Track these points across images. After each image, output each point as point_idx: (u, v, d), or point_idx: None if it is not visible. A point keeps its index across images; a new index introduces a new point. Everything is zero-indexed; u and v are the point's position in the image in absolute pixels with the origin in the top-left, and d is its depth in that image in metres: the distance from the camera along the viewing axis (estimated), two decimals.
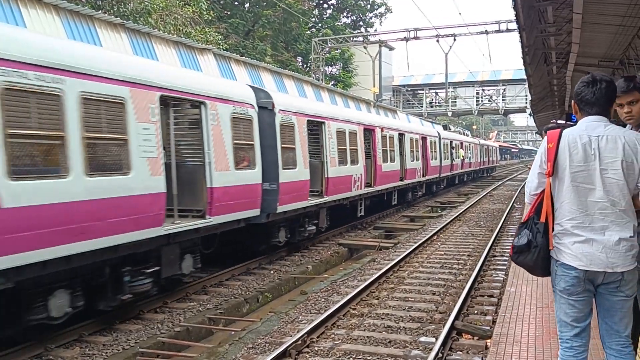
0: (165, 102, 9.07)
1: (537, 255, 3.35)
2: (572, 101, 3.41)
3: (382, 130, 18.87)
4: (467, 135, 41.92)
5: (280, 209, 11.72)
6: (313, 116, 13.68)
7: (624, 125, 4.07)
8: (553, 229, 3.30)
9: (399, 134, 21.34)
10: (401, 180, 21.35)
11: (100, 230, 6.94)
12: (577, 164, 3.19)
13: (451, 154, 31.44)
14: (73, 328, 7.46)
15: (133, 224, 7.47)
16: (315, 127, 14.09)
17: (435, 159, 27.43)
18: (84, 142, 6.72)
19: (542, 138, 3.69)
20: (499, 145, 70.80)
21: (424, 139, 25.37)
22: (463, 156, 35.36)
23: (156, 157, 7.95)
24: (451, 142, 31.91)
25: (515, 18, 9.53)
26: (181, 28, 22.71)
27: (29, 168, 6.18)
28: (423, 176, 24.75)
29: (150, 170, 7.82)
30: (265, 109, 11.51)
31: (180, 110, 9.94)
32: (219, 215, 9.62)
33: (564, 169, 3.23)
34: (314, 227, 13.84)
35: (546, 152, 3.30)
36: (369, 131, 17.64)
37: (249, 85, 11.76)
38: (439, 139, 28.77)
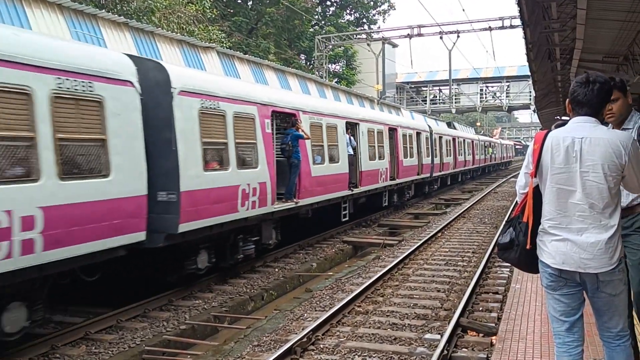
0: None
1: (519, 254, 3.42)
2: (567, 100, 3.41)
3: (457, 138, 33.08)
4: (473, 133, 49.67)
5: (435, 175, 26.10)
6: (440, 133, 28.33)
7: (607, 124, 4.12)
8: (536, 228, 3.34)
9: (463, 139, 35.15)
10: (464, 166, 35.42)
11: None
12: (557, 166, 3.20)
13: (484, 152, 45.38)
14: (79, 326, 7.49)
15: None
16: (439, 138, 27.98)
17: (477, 155, 40.79)
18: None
19: None
20: (514, 144, 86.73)
21: (472, 141, 39.13)
22: (491, 153, 49.66)
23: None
24: (484, 142, 46.13)
25: (519, 14, 9.50)
26: (184, 27, 22.73)
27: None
28: (472, 165, 38.92)
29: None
30: (430, 132, 25.77)
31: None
32: (402, 178, 20.77)
33: (546, 171, 3.25)
34: (434, 187, 27.63)
35: (531, 153, 3.34)
36: (454, 139, 31.97)
37: (427, 124, 27.04)
38: (479, 141, 42.67)
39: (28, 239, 6.04)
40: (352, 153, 15.36)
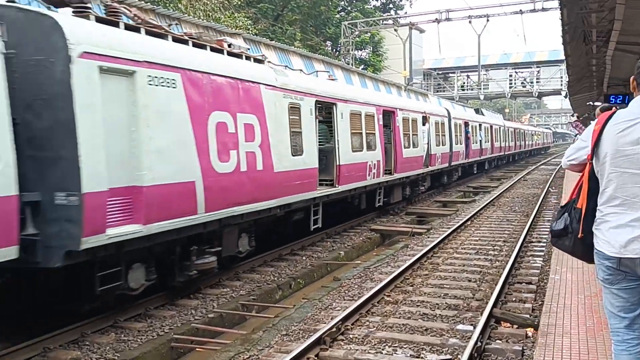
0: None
1: (573, 242, 3.21)
2: (632, 77, 3.16)
3: (516, 129, 45.67)
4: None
5: (507, 153, 41.46)
6: (508, 127, 41.49)
7: None
8: (590, 215, 3.12)
9: (520, 130, 48.16)
10: (521, 149, 48.54)
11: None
12: (622, 149, 2.93)
13: (532, 139, 58.61)
14: (108, 314, 7.51)
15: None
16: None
17: (528, 141, 53.94)
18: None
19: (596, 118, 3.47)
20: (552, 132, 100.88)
21: (525, 131, 51.87)
22: (536, 139, 62.70)
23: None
24: (532, 132, 60.00)
25: None
26: (210, 14, 22.66)
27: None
28: (525, 148, 51.86)
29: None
30: (505, 127, 39.58)
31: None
32: (495, 154, 36.06)
33: (605, 154, 3.00)
34: (508, 160, 43.84)
35: (591, 132, 3.10)
36: (515, 129, 44.91)
37: (503, 122, 40.76)
38: (528, 131, 55.41)
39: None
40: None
